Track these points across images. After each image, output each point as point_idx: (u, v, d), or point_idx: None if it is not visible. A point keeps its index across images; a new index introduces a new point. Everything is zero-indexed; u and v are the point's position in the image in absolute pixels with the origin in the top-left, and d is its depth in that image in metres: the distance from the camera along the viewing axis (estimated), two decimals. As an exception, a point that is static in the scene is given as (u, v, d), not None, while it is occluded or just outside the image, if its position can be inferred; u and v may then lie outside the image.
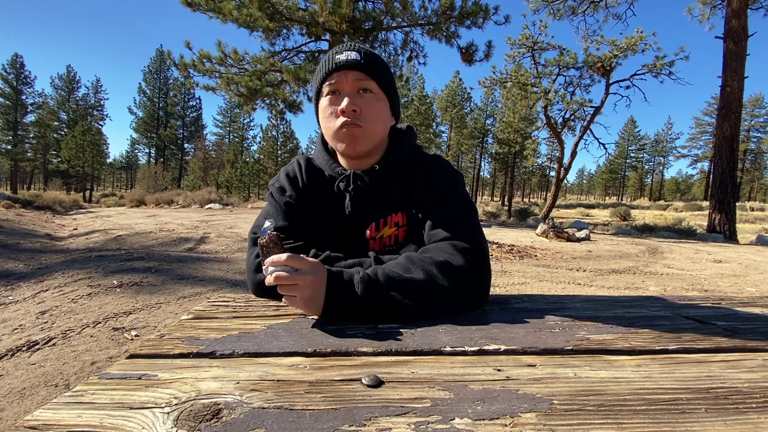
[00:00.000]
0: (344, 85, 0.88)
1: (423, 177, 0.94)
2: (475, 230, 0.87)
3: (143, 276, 3.84)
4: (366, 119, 0.88)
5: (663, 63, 14.37)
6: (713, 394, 0.47)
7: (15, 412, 1.68)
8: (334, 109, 0.88)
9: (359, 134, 0.88)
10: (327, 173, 0.97)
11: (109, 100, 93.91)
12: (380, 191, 0.94)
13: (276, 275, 0.65)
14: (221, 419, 0.41)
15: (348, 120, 0.86)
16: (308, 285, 0.67)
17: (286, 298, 0.68)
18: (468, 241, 0.83)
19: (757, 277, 4.82)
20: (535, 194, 75.83)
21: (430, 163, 0.96)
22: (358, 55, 0.88)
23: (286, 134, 37.13)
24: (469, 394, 0.46)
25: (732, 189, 10.35)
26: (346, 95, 0.87)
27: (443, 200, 0.90)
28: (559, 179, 16.44)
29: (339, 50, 0.91)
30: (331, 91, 0.89)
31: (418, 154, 0.99)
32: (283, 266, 0.66)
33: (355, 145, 0.89)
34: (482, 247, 0.84)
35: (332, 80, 0.88)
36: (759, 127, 51.39)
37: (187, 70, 10.38)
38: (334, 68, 0.88)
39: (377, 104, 0.90)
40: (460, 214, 0.88)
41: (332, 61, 0.89)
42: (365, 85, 0.88)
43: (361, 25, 9.50)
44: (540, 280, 4.35)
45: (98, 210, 15.29)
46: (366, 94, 0.88)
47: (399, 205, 0.93)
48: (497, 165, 39.75)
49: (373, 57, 0.91)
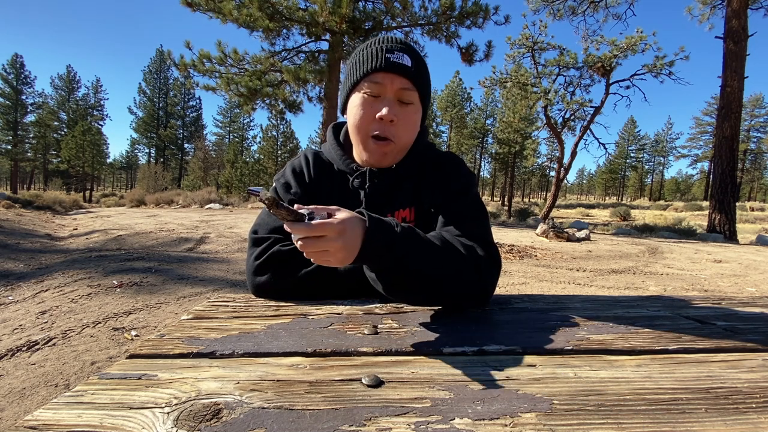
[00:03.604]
0: (388, 90, 0.83)
1: (436, 175, 0.92)
2: (489, 232, 0.87)
3: (143, 276, 3.84)
4: (399, 134, 0.85)
5: (663, 63, 14.37)
6: (713, 394, 0.47)
7: (15, 412, 1.68)
8: (371, 112, 0.83)
9: (389, 150, 0.86)
10: (337, 167, 0.95)
11: (109, 100, 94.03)
12: (393, 188, 0.93)
13: (302, 244, 0.60)
14: (221, 419, 0.41)
15: (382, 132, 0.83)
16: (339, 249, 0.61)
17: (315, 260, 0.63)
18: (482, 240, 0.82)
19: (757, 277, 4.83)
20: (535, 194, 75.83)
21: (445, 160, 0.95)
22: (410, 60, 0.83)
23: (286, 134, 37.11)
24: (469, 394, 0.46)
25: (732, 189, 10.35)
26: (387, 101, 0.82)
27: (459, 198, 0.88)
28: (559, 179, 16.44)
29: (389, 46, 0.84)
30: (372, 91, 0.83)
31: (432, 151, 0.97)
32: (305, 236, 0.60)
33: (384, 161, 0.87)
34: (495, 248, 0.83)
35: (377, 80, 0.83)
36: (759, 127, 51.41)
37: (187, 70, 10.39)
38: (382, 67, 0.82)
39: (413, 117, 0.87)
40: (476, 214, 0.87)
41: (381, 57, 0.82)
42: (409, 97, 0.84)
43: (361, 25, 9.51)
44: (540, 280, 4.35)
45: (98, 210, 15.29)
46: (407, 106, 0.84)
47: (408, 201, 0.92)
48: (497, 165, 39.74)
49: (421, 63, 0.87)
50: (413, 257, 0.69)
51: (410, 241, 0.69)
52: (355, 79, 0.85)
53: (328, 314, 0.74)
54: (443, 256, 0.73)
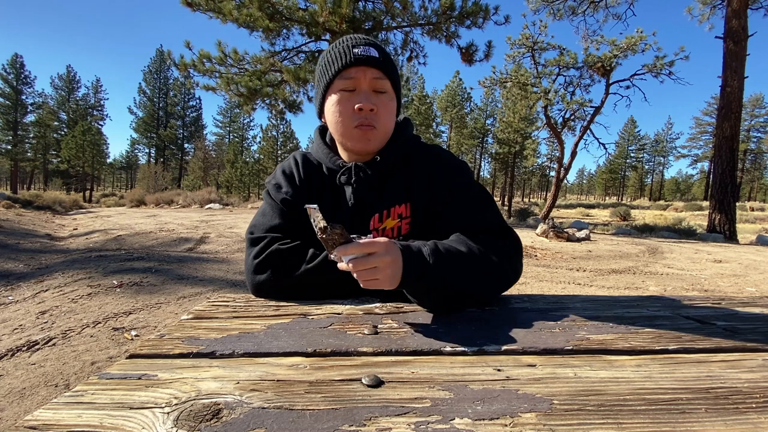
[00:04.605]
0: (362, 82, 0.86)
1: (429, 169, 0.94)
2: (501, 216, 0.91)
3: (143, 276, 3.84)
4: (380, 120, 0.87)
5: (663, 63, 14.37)
6: (713, 394, 0.47)
7: (15, 412, 1.68)
8: (349, 106, 0.86)
9: (373, 136, 0.88)
10: (326, 167, 0.96)
11: (109, 100, 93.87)
12: (382, 183, 0.93)
13: (354, 264, 0.65)
14: (221, 419, 0.41)
15: (364, 121, 0.85)
16: (388, 265, 0.67)
17: (365, 283, 0.68)
18: (500, 227, 0.87)
19: (757, 277, 4.82)
20: (535, 194, 75.81)
21: (434, 154, 0.97)
22: (377, 52, 0.87)
23: (286, 134, 37.13)
24: (469, 394, 0.46)
25: (732, 189, 10.35)
26: (363, 93, 0.86)
27: (464, 192, 0.91)
28: (559, 179, 16.44)
29: (354, 43, 0.87)
30: (346, 86, 0.86)
31: (418, 144, 0.99)
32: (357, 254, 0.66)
33: (369, 145, 0.89)
34: (511, 229, 0.88)
35: (349, 75, 0.85)
36: (759, 127, 51.40)
37: (187, 70, 10.39)
38: (352, 62, 0.85)
39: (390, 104, 0.90)
40: (485, 203, 0.91)
41: (349, 53, 0.85)
42: (382, 86, 0.88)
43: (361, 25, 9.50)
44: (540, 280, 4.35)
45: (98, 210, 15.29)
46: (381, 95, 0.88)
47: (402, 197, 0.92)
48: (497, 165, 39.75)
49: (387, 54, 0.90)
50: (450, 277, 0.74)
51: (442, 261, 0.74)
52: (327, 79, 0.88)
53: (328, 314, 0.74)
54: (475, 263, 0.77)
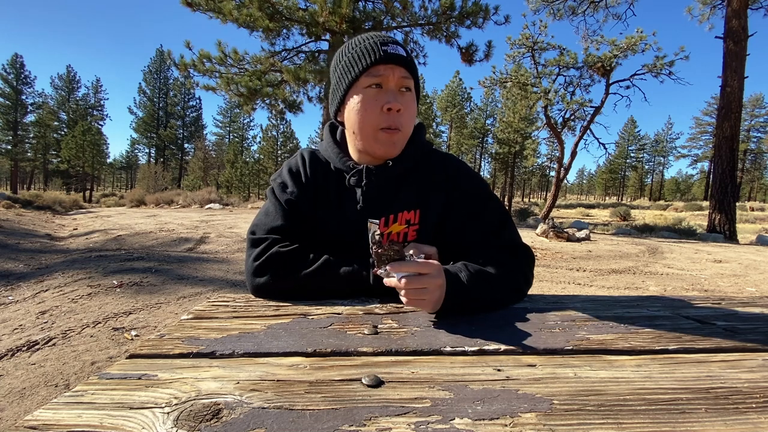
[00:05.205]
0: (390, 80, 0.84)
1: (447, 179, 0.94)
2: (517, 232, 0.93)
3: (143, 276, 3.84)
4: (405, 121, 0.86)
5: (663, 63, 14.36)
6: (713, 394, 0.47)
7: (15, 412, 1.68)
8: (377, 105, 0.83)
9: (398, 140, 0.87)
10: (333, 166, 0.94)
11: (109, 100, 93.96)
12: (393, 188, 0.92)
13: (406, 282, 0.67)
14: (221, 419, 0.41)
15: (392, 123, 0.84)
16: (437, 288, 0.69)
17: (410, 301, 0.69)
18: (516, 244, 0.90)
19: (757, 277, 4.82)
20: (535, 194, 75.81)
21: (453, 165, 0.96)
22: (403, 51, 0.86)
23: (286, 134, 37.14)
24: (469, 394, 0.46)
25: (732, 189, 10.35)
26: (391, 92, 0.84)
27: (484, 208, 0.92)
28: (559, 179, 16.44)
29: (382, 40, 0.85)
30: (375, 83, 0.84)
31: (430, 151, 0.98)
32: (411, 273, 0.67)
33: (394, 150, 0.88)
34: (528, 247, 0.91)
35: (378, 72, 0.83)
36: (759, 127, 51.41)
37: (187, 70, 10.39)
38: (382, 59, 0.83)
39: (413, 105, 0.89)
40: (504, 219, 0.92)
41: (378, 50, 0.83)
42: (408, 84, 0.86)
43: (361, 25, 9.50)
44: (540, 280, 4.35)
45: (98, 210, 15.29)
46: (407, 93, 0.86)
47: (413, 203, 0.91)
48: (497, 165, 39.73)
49: (410, 54, 0.90)
50: (481, 299, 0.77)
51: (476, 286, 0.76)
52: (353, 75, 0.84)
53: (328, 314, 0.74)
54: (501, 283, 0.81)
